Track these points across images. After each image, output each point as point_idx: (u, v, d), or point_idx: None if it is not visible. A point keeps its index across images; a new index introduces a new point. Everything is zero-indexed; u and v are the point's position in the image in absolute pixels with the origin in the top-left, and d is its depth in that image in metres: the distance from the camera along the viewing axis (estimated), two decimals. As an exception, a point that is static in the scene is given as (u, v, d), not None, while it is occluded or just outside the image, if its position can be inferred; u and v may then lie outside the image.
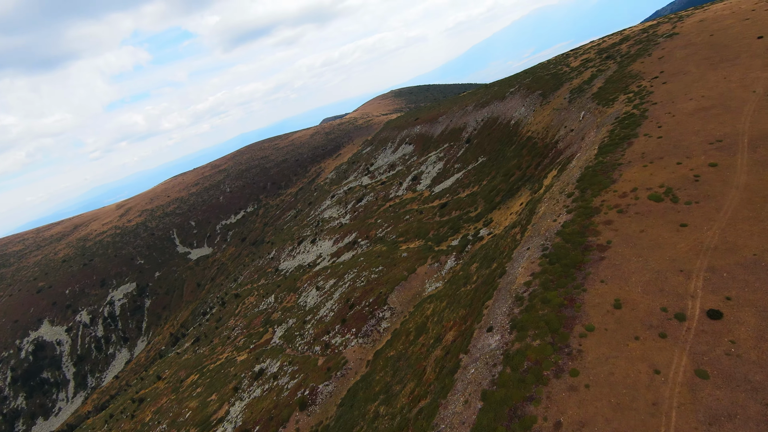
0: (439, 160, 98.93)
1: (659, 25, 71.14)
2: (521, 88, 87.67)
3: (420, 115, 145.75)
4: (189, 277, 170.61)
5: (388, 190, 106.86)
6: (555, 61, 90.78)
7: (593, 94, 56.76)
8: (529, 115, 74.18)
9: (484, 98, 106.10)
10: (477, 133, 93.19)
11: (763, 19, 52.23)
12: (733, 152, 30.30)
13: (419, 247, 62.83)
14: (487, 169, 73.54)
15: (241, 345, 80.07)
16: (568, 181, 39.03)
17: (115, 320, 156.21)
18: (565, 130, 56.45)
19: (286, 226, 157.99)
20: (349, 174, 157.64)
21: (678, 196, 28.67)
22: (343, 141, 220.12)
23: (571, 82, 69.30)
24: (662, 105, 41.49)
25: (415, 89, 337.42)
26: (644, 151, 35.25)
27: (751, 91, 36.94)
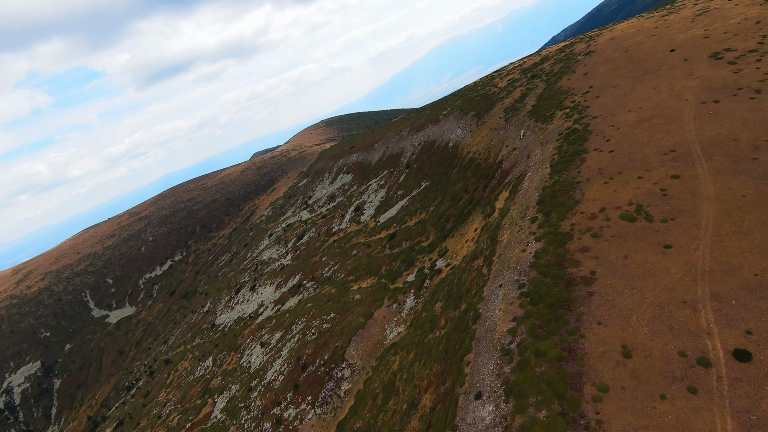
0: (381, 188, 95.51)
1: (573, 44, 75.08)
2: (454, 111, 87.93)
3: (355, 143, 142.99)
4: (109, 345, 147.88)
5: (330, 223, 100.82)
6: (482, 83, 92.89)
7: (529, 112, 56.73)
8: (467, 136, 73.58)
9: (417, 122, 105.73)
10: (416, 157, 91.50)
11: (667, 34, 56.06)
12: (690, 162, 29.35)
13: (373, 286, 57.38)
14: (432, 194, 70.99)
15: (175, 425, 67.58)
16: (526, 204, 36.48)
17: (15, 411, 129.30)
18: (508, 149, 55.45)
19: (221, 272, 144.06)
20: (286, 209, 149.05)
21: (651, 213, 26.65)
22: (277, 175, 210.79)
23: (503, 101, 69.92)
24: (603, 118, 41.21)
25: (346, 117, 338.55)
26: (600, 167, 33.71)
27: (684, 100, 37.55)
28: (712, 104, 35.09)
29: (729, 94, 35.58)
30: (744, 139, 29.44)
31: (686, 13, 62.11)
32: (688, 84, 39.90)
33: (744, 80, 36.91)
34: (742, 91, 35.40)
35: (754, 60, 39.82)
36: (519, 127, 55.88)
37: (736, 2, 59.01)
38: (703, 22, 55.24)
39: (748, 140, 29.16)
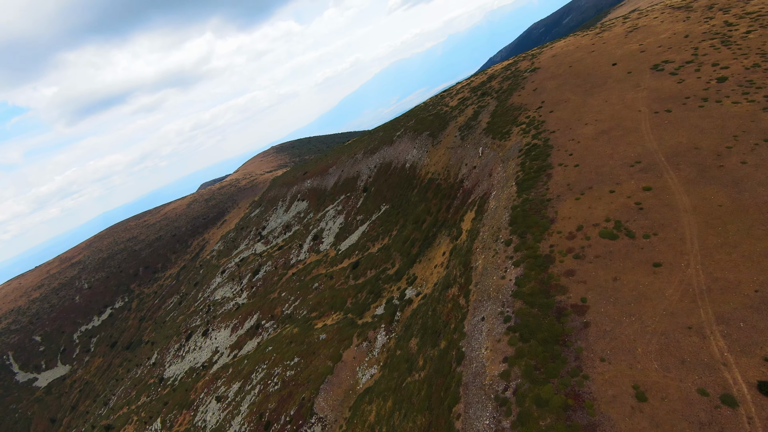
0: (339, 214, 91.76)
1: (518, 62, 77.17)
2: (407, 131, 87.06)
3: (308, 169, 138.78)
4: (38, 413, 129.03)
5: (287, 255, 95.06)
6: (433, 103, 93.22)
7: (484, 129, 56.27)
8: (424, 156, 72.35)
9: (371, 144, 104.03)
10: (373, 180, 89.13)
11: (605, 50, 58.40)
12: (658, 173, 28.72)
13: (339, 323, 52.98)
14: (393, 218, 68.39)
15: (118, 508, 57.80)
16: (498, 225, 34.55)
17: None
18: (467, 168, 54.28)
19: (170, 317, 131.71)
20: (239, 242, 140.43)
21: (631, 229, 25.30)
22: (227, 206, 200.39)
23: (457, 120, 69.67)
24: (562, 132, 40.83)
25: (297, 143, 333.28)
26: (568, 182, 32.57)
27: (637, 111, 37.92)
28: (665, 114, 35.48)
29: (679, 104, 36.24)
30: (704, 146, 29.39)
31: (618, 30, 65.60)
32: (638, 95, 40.62)
33: (689, 89, 37.97)
34: (690, 100, 36.20)
35: (693, 70, 41.46)
36: (477, 145, 55.10)
37: (661, 19, 63.17)
38: (636, 38, 58.23)
39: (709, 148, 29.11)
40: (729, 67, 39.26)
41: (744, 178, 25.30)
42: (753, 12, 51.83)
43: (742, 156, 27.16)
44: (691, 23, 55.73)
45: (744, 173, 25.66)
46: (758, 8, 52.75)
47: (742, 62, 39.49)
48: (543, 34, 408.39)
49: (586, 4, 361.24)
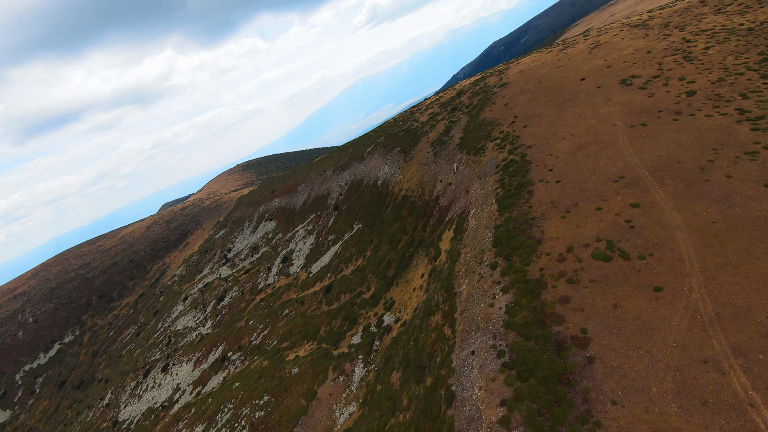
0: (309, 234, 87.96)
1: (485, 78, 77.55)
2: (378, 147, 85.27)
3: (276, 187, 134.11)
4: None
5: (255, 279, 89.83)
6: (403, 118, 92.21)
7: (458, 145, 55.06)
8: (396, 173, 70.47)
9: (341, 161, 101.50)
10: (344, 198, 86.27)
11: (572, 65, 59.15)
12: (644, 188, 27.70)
13: (312, 354, 49.13)
14: (367, 237, 65.63)
15: None
16: (480, 246, 32.57)
17: None
18: (443, 185, 52.64)
19: (126, 350, 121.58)
20: (203, 266, 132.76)
21: (625, 249, 23.82)
22: (190, 227, 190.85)
23: (428, 135, 68.49)
24: (538, 147, 39.86)
25: (264, 160, 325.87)
26: (552, 199, 31.15)
27: (613, 125, 37.49)
28: (641, 128, 35.10)
29: (653, 117, 36.05)
30: (686, 160, 28.77)
31: (582, 47, 67.05)
32: (610, 109, 40.42)
33: (660, 103, 38.04)
34: (663, 113, 36.11)
35: (661, 84, 41.89)
36: (451, 161, 53.69)
37: (622, 36, 65.10)
38: (600, 54, 59.41)
39: (691, 161, 28.49)
40: (696, 82, 39.83)
41: (732, 192, 24.53)
42: (707, 29, 53.95)
43: (726, 169, 26.56)
44: (650, 40, 57.44)
45: (731, 187, 24.93)
46: (711, 26, 55.03)
47: (707, 77, 40.20)
48: (503, 52, 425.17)
49: (542, 25, 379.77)
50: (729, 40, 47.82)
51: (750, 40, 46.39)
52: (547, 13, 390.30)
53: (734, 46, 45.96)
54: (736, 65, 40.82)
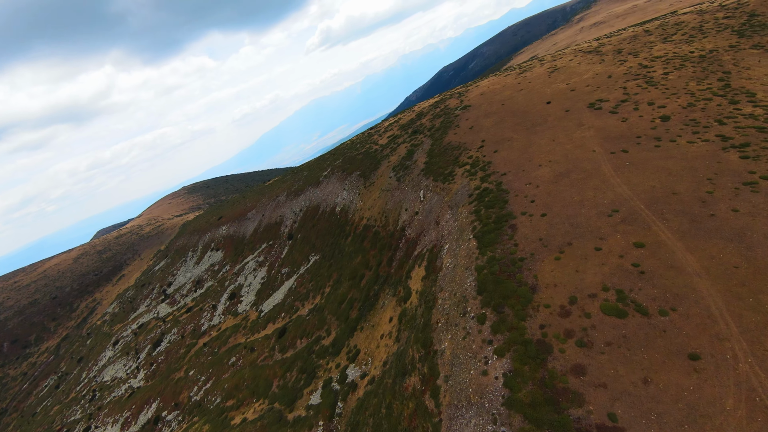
0: (260, 266, 79.82)
1: (445, 100, 75.43)
2: (335, 171, 79.99)
3: (224, 213, 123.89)
4: None
5: (198, 319, 79.67)
6: (360, 140, 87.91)
7: (423, 170, 51.09)
8: (356, 199, 65.29)
9: (295, 185, 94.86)
10: (299, 226, 79.50)
11: (534, 89, 57.92)
12: (644, 224, 24.47)
13: (263, 417, 41.53)
14: (325, 271, 59.31)
15: None
16: (461, 291, 27.88)
17: None
18: (409, 214, 48.11)
19: (42, 407, 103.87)
20: (138, 303, 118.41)
21: (641, 302, 19.98)
22: (126, 258, 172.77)
23: (389, 159, 64.32)
24: (514, 175, 36.47)
25: (212, 182, 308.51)
26: (540, 236, 27.27)
27: (591, 151, 34.94)
28: (622, 154, 32.67)
29: (632, 143, 33.87)
30: (683, 191, 26.09)
31: (540, 71, 66.70)
32: (585, 134, 38.15)
33: (637, 128, 36.18)
34: (642, 139, 34.06)
35: (631, 109, 40.50)
36: (416, 188, 49.47)
37: (578, 61, 65.47)
38: (561, 78, 58.78)
39: (688, 193, 25.82)
40: (666, 107, 38.67)
41: (745, 230, 21.70)
42: (660, 56, 54.81)
43: (729, 202, 23.97)
44: (608, 65, 57.65)
45: (742, 223, 22.16)
46: (663, 53, 56.09)
47: (676, 101, 39.25)
48: (452, 77, 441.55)
49: (488, 52, 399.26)
50: (685, 67, 48.25)
51: (705, 66, 46.94)
52: (492, 41, 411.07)
53: (692, 72, 46.21)
54: (701, 90, 40.37)
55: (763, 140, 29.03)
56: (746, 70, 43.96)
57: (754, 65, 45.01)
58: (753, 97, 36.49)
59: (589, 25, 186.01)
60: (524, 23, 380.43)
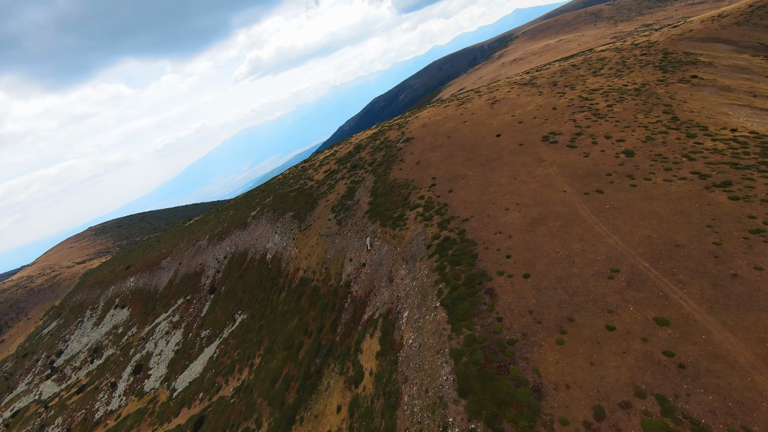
0: (175, 328, 66.32)
1: (384, 132, 70.56)
2: (265, 211, 70.50)
3: (134, 260, 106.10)
4: None
5: (91, 402, 63.26)
6: (293, 175, 79.58)
7: (367, 212, 44.34)
8: (289, 245, 56.43)
9: (220, 227, 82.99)
10: (223, 276, 67.91)
11: (479, 121, 54.82)
12: (658, 291, 19.54)
13: None
14: (254, 335, 49.05)
15: None
16: (434, 389, 20.79)
17: None
18: (354, 266, 40.64)
19: None
20: (17, 380, 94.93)
21: (697, 418, 14.33)
22: (8, 318, 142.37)
23: (327, 197, 56.91)
24: (479, 221, 30.96)
25: (125, 220, 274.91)
26: (529, 307, 21.35)
27: (561, 191, 30.65)
28: (598, 195, 28.63)
29: (604, 182, 30.15)
30: (685, 242, 21.91)
31: (480, 102, 64.59)
32: (548, 171, 34.16)
33: (603, 164, 32.85)
34: (613, 177, 30.52)
35: (590, 142, 37.68)
36: (361, 234, 42.39)
37: (516, 93, 64.43)
38: (504, 109, 56.54)
39: (693, 244, 21.67)
40: (625, 140, 36.26)
41: (783, 297, 17.43)
42: (597, 89, 54.78)
43: (746, 257, 19.99)
44: (548, 97, 56.62)
45: (776, 288, 17.94)
46: (598, 86, 56.35)
47: (632, 135, 37.13)
48: (384, 107, 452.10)
49: (416, 84, 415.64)
50: (626, 99, 47.82)
51: (645, 99, 46.71)
52: (419, 75, 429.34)
53: (635, 104, 45.59)
54: (652, 123, 38.93)
55: (742, 177, 26.46)
56: (684, 103, 44.04)
57: (689, 98, 45.47)
58: (706, 130, 35.25)
59: (510, 61, 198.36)
60: (448, 59, 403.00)
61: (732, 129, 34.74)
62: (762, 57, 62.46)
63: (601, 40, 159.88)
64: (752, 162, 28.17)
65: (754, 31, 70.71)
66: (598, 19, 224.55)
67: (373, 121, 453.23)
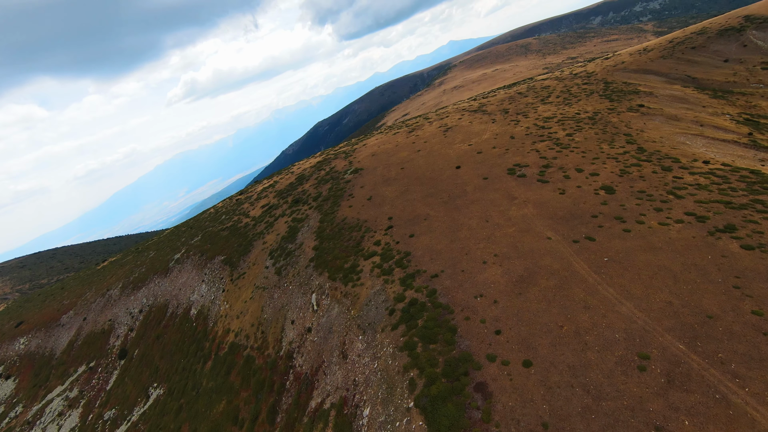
0: (72, 407, 52.74)
1: (330, 161, 64.15)
2: (191, 253, 60.17)
3: (28, 315, 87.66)
4: None
5: None
6: (226, 209, 69.99)
7: (312, 260, 37.07)
8: (218, 298, 47.06)
9: (137, 272, 70.32)
10: (137, 337, 55.92)
11: (434, 150, 50.35)
12: (710, 390, 14.52)
13: None
14: (171, 419, 38.68)
15: None
16: None
17: None
18: (297, 331, 32.86)
19: None
20: None
21: None
22: None
23: (264, 238, 48.75)
24: (451, 278, 25.11)
25: (32, 259, 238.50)
26: (542, 418, 15.42)
27: (546, 238, 25.84)
28: (589, 244, 24.08)
29: (592, 226, 25.83)
30: (717, 312, 17.47)
31: (432, 130, 60.70)
32: (524, 212, 29.50)
33: (584, 203, 28.80)
34: (600, 220, 26.35)
35: (561, 176, 33.93)
36: (305, 288, 34.89)
37: (468, 120, 61.41)
38: (458, 137, 52.74)
39: (728, 315, 17.25)
40: (599, 174, 32.91)
41: None
42: (551, 117, 52.90)
43: (801, 334, 15.69)
44: (502, 125, 53.83)
45: None
46: (551, 114, 54.67)
47: (604, 167, 33.97)
48: (327, 132, 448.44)
49: (359, 109, 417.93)
50: (583, 128, 45.81)
51: (603, 128, 44.92)
52: (362, 100, 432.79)
53: (594, 133, 43.49)
54: (619, 154, 36.31)
55: (744, 220, 23.26)
56: (642, 132, 42.59)
57: (644, 127, 44.32)
58: (679, 162, 32.93)
59: (451, 88, 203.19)
60: (389, 85, 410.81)
61: (704, 161, 32.69)
62: (692, 88, 65.43)
63: (534, 70, 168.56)
64: (745, 200, 25.35)
65: (678, 64, 74.91)
66: (528, 51, 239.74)
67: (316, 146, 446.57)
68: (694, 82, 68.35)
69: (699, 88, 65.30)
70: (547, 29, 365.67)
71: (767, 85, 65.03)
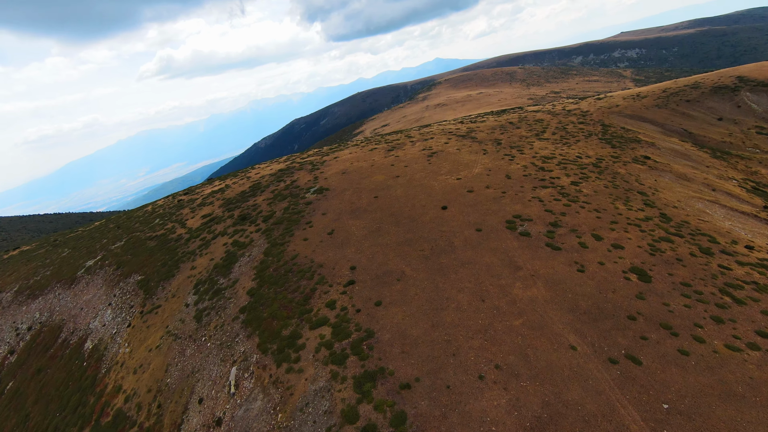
0: None
1: (293, 171, 54.97)
2: (107, 262, 48.93)
3: None
4: None
5: None
6: (162, 211, 58.93)
7: (244, 309, 27.84)
8: (121, 332, 36.54)
9: (40, 273, 57.57)
10: (16, 364, 43.80)
11: (415, 179, 42.43)
12: None
13: None
14: (20, 508, 27.87)
15: None
16: None
17: None
18: (203, 419, 23.37)
19: None
20: None
21: None
22: None
23: (194, 261, 38.90)
24: (430, 399, 16.82)
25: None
26: None
27: (568, 347, 18.14)
28: (633, 369, 16.59)
29: (632, 337, 18.44)
30: None
31: (415, 152, 53.05)
32: (532, 293, 21.85)
33: (614, 294, 21.49)
34: (640, 324, 19.04)
35: (575, 243, 26.70)
36: (227, 353, 25.57)
37: (455, 146, 54.25)
38: (445, 167, 45.22)
39: None
40: (624, 247, 25.94)
41: None
42: (549, 157, 46.63)
43: None
44: (495, 159, 46.89)
45: None
46: (549, 153, 48.44)
47: (627, 236, 27.11)
48: (304, 130, 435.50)
49: (339, 112, 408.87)
50: (589, 177, 39.46)
51: (612, 180, 38.75)
52: (343, 103, 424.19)
53: (604, 186, 37.13)
54: (641, 221, 29.78)
55: (840, 357, 16.54)
56: (658, 192, 36.68)
57: (658, 186, 38.54)
58: (716, 242, 26.60)
59: (434, 105, 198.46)
60: (372, 92, 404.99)
61: (747, 246, 26.53)
62: (690, 144, 61.74)
63: (519, 99, 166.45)
64: (827, 319, 18.84)
65: (674, 116, 71.71)
66: (513, 79, 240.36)
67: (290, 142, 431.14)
68: (691, 137, 64.81)
69: (697, 145, 61.63)
70: (531, 60, 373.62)
71: (763, 151, 62.30)
